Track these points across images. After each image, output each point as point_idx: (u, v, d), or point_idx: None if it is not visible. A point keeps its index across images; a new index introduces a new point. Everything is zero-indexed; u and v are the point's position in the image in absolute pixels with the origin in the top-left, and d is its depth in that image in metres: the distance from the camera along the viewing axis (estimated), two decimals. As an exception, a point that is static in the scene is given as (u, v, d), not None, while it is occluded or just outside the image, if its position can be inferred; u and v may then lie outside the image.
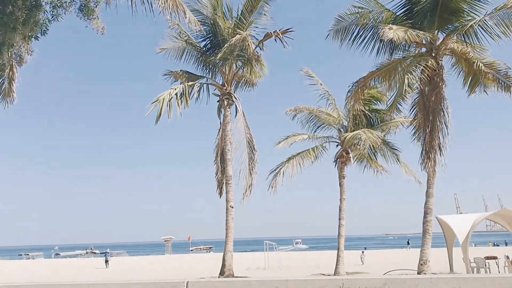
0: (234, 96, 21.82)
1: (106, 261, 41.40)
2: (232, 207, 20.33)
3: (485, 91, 17.80)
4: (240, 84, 23.14)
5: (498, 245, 63.16)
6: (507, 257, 19.33)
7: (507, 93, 16.94)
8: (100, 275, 29.88)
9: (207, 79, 22.00)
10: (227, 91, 21.57)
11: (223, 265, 19.54)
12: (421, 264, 16.96)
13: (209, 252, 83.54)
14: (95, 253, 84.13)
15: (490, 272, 18.90)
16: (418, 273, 16.70)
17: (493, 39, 16.97)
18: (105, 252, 47.70)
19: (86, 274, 32.10)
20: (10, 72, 15.72)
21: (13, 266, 48.73)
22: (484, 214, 22.01)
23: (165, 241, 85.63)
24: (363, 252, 41.33)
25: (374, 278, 11.81)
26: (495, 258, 20.60)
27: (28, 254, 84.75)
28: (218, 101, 21.91)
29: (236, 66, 21.89)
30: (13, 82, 15.98)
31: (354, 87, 19.00)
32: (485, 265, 19.18)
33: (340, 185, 22.90)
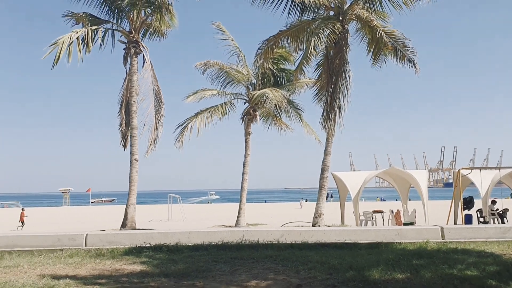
0: (142, 45, 20.95)
1: None
2: (137, 160, 19.97)
3: (384, 60, 18.94)
4: (148, 33, 22.25)
5: (385, 200, 69.40)
6: (391, 211, 21.36)
7: (401, 62, 18.23)
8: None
9: (112, 25, 20.81)
10: (135, 39, 20.63)
11: (125, 218, 19.35)
12: (316, 217, 18.24)
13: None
14: None
15: (376, 225, 20.81)
16: (312, 225, 17.95)
17: (394, 8, 18.05)
18: None
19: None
20: None
21: None
22: (375, 172, 23.97)
23: (63, 192, 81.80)
24: (302, 198, 59.70)
25: (273, 230, 12.59)
26: (381, 212, 22.67)
27: None
28: (124, 49, 20.91)
29: (145, 13, 20.91)
30: None
31: (264, 45, 19.20)
32: (372, 218, 21.06)
33: (246, 141, 23.40)
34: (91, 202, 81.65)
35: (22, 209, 28.39)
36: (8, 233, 13.35)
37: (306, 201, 59.11)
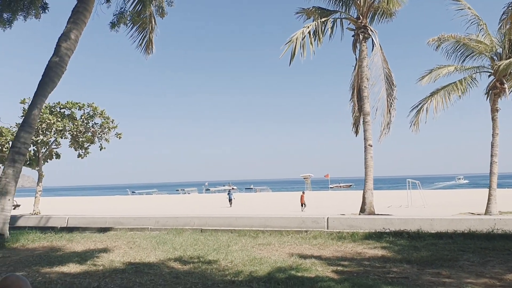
0: (370, 29, 20.76)
1: (230, 200, 37.32)
2: (371, 146, 19.96)
3: None
4: (376, 16, 21.89)
5: None
6: None
7: None
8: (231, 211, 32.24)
9: (340, 14, 21.23)
10: (363, 24, 20.60)
11: (363, 203, 19.59)
12: None
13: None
14: (233, 188, 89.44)
15: None
16: None
17: None
18: (229, 191, 41.37)
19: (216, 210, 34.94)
20: (150, 24, 17.18)
21: (167, 199, 55.28)
22: None
23: (304, 178, 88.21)
24: None
25: (533, 219, 10.83)
26: None
27: (184, 190, 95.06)
28: (352, 36, 21.13)
29: (372, -5, 20.65)
30: (152, 34, 17.45)
31: (510, 8, 16.68)
32: None
33: (493, 119, 20.77)
34: (330, 188, 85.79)
35: (303, 192, 30.90)
36: (262, 215, 15.14)
37: None
